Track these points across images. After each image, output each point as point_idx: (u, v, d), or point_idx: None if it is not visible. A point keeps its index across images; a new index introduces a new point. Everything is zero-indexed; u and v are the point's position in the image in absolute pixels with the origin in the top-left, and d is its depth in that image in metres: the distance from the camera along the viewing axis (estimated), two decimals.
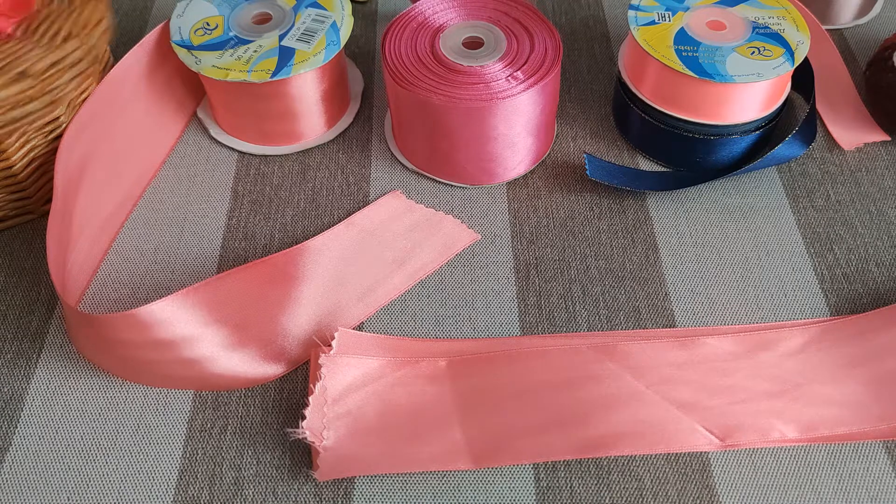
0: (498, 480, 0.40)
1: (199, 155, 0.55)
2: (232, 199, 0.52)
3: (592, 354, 0.43)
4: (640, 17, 0.51)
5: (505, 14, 0.52)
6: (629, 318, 0.46)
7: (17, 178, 0.47)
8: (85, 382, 0.43)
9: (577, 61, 0.61)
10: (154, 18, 0.65)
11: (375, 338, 0.44)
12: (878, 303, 0.46)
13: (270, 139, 0.54)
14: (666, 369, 0.43)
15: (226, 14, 0.53)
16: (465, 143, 0.49)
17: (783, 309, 0.46)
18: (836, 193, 0.52)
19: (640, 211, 0.51)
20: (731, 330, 0.45)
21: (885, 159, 0.54)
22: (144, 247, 0.49)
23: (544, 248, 0.49)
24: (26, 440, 0.41)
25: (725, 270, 0.48)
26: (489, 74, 0.48)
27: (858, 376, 0.42)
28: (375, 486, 0.40)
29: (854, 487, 0.39)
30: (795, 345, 0.44)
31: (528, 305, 0.46)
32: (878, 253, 0.49)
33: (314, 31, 0.52)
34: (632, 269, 0.48)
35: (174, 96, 0.56)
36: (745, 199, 0.52)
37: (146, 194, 0.52)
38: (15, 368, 0.44)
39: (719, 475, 0.40)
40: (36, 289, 0.47)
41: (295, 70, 0.49)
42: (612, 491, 0.39)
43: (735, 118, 0.50)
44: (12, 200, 0.48)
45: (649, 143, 0.54)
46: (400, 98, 0.50)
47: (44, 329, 0.46)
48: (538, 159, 0.54)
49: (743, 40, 0.49)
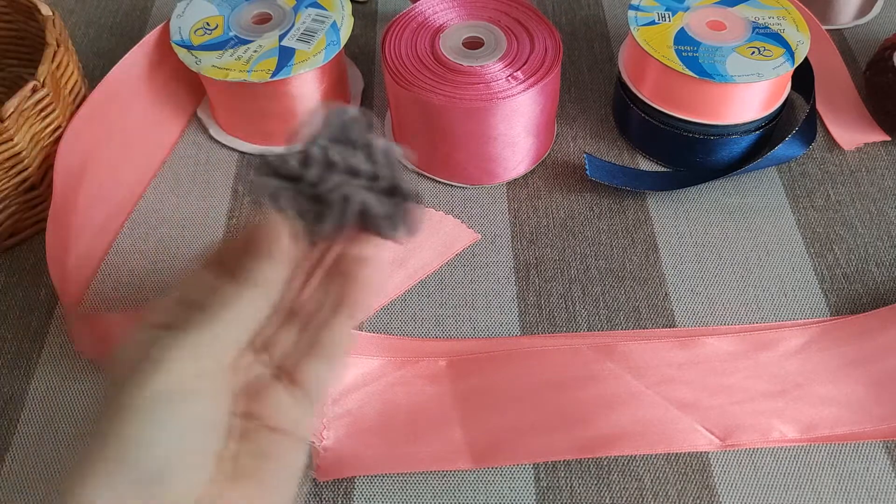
0: (498, 480, 0.40)
1: (199, 155, 0.55)
2: (232, 199, 0.52)
3: (592, 354, 0.43)
4: (640, 17, 0.51)
5: (505, 14, 0.52)
6: (629, 318, 0.46)
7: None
8: (85, 382, 0.43)
9: (577, 61, 0.61)
10: (154, 18, 0.65)
11: (375, 338, 0.44)
12: (877, 303, 0.46)
13: (270, 139, 0.54)
14: (666, 369, 0.43)
15: (226, 14, 0.53)
16: (465, 143, 0.49)
17: (783, 309, 0.46)
18: (837, 193, 0.52)
19: (640, 211, 0.51)
20: (731, 330, 0.45)
21: (885, 159, 0.54)
22: (144, 247, 0.49)
23: (544, 248, 0.49)
24: (26, 440, 0.41)
25: (725, 270, 0.48)
26: (489, 74, 0.48)
27: (858, 376, 0.42)
28: (375, 486, 0.40)
29: (854, 487, 0.39)
30: (795, 345, 0.44)
31: (528, 305, 0.46)
32: (878, 253, 0.49)
33: (314, 31, 0.52)
34: (632, 269, 0.48)
35: (174, 96, 0.56)
36: (745, 200, 0.52)
37: (146, 194, 0.52)
38: (15, 368, 0.44)
39: (719, 475, 0.40)
40: (36, 289, 0.47)
41: (295, 70, 0.49)
42: (612, 491, 0.39)
43: (735, 118, 0.50)
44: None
45: (649, 143, 0.53)
46: (400, 98, 0.50)
47: (44, 329, 0.46)
48: (538, 159, 0.54)
49: (743, 40, 0.49)
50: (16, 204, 0.48)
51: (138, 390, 0.24)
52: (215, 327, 0.26)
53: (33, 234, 0.50)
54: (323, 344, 0.30)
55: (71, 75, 0.50)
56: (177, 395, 0.24)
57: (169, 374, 0.24)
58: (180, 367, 0.25)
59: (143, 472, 0.23)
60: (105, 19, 0.65)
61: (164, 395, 0.24)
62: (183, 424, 0.24)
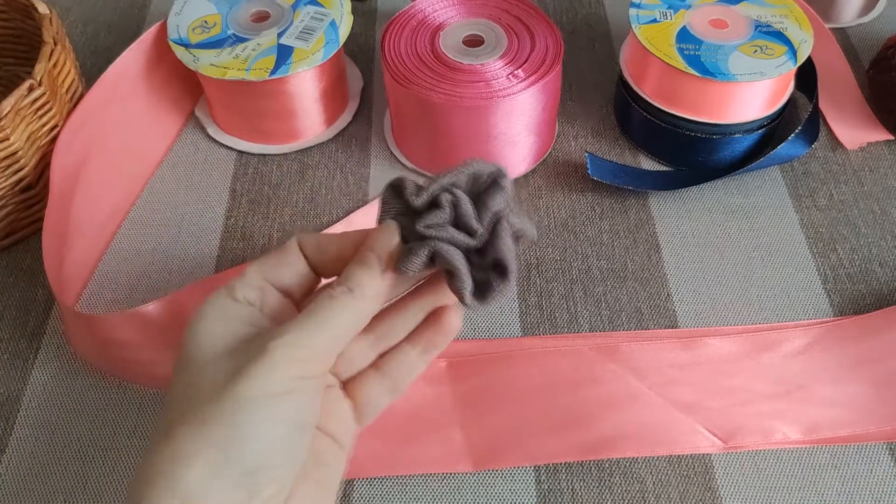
0: (499, 483, 0.39)
1: (196, 154, 0.54)
2: (230, 199, 0.52)
3: (594, 355, 0.43)
4: (641, 16, 0.51)
5: (505, 12, 0.51)
6: (631, 319, 0.45)
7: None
8: (82, 383, 0.43)
9: (578, 59, 0.61)
10: (152, 16, 0.64)
11: None
12: (881, 303, 0.46)
13: (269, 138, 0.54)
14: (668, 370, 0.43)
15: (224, 12, 0.52)
16: (466, 142, 0.49)
17: (786, 309, 0.46)
18: (840, 193, 0.52)
19: (642, 210, 0.51)
20: (733, 331, 0.45)
21: (888, 159, 0.53)
22: (142, 247, 0.49)
23: (545, 248, 0.49)
24: (23, 441, 0.41)
25: (728, 271, 0.48)
26: (490, 73, 0.48)
27: (862, 377, 0.42)
28: (374, 488, 0.39)
29: (857, 489, 0.39)
30: (798, 345, 0.44)
31: (529, 306, 0.46)
32: (881, 253, 0.48)
33: (313, 29, 0.51)
34: (634, 270, 0.48)
35: (172, 95, 0.55)
36: (748, 199, 0.51)
37: (143, 194, 0.52)
38: (12, 369, 0.44)
39: (722, 477, 0.39)
40: (33, 289, 0.47)
41: (293, 68, 0.49)
42: (613, 493, 0.39)
43: (737, 117, 0.49)
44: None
45: (651, 142, 0.53)
46: (399, 96, 0.49)
47: (41, 329, 0.45)
48: (539, 158, 0.53)
49: (745, 39, 0.49)
50: (12, 204, 0.47)
51: (246, 387, 0.25)
52: (325, 335, 0.27)
53: (30, 234, 0.49)
54: (392, 374, 0.31)
55: (68, 74, 0.49)
56: (280, 394, 0.25)
57: (276, 373, 0.25)
58: (286, 369, 0.26)
59: (247, 465, 0.25)
60: (102, 17, 0.64)
61: (270, 393, 0.25)
62: (283, 423, 0.25)
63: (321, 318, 0.27)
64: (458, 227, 0.29)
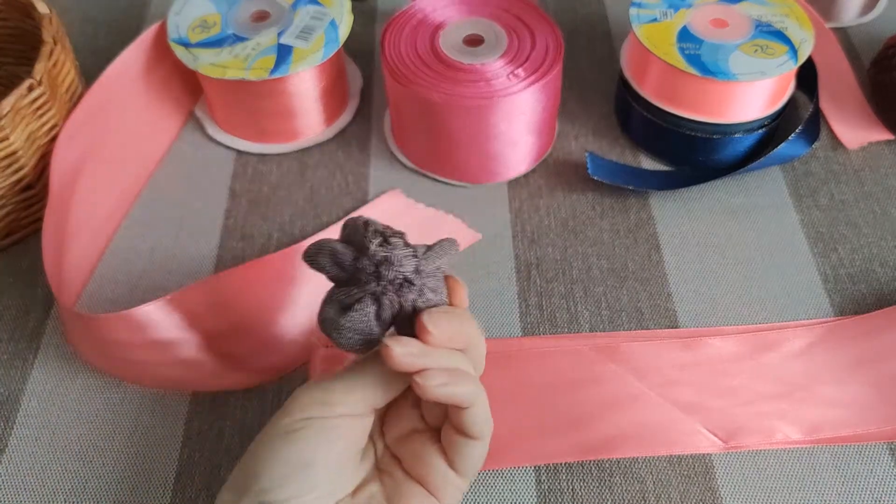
0: (499, 483, 0.39)
1: (196, 154, 0.54)
2: (229, 199, 0.52)
3: (594, 355, 0.43)
4: (642, 15, 0.50)
5: (506, 11, 0.51)
6: (631, 319, 0.45)
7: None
8: (81, 383, 0.43)
9: (578, 59, 0.61)
10: (151, 16, 0.64)
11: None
12: (882, 303, 0.46)
13: (268, 137, 0.54)
14: (669, 370, 0.42)
15: (223, 11, 0.52)
16: (466, 142, 0.49)
17: (787, 309, 0.46)
18: (841, 193, 0.52)
19: (643, 210, 0.51)
20: (734, 331, 0.45)
21: (889, 158, 0.53)
22: (141, 247, 0.49)
23: (546, 248, 0.49)
24: (22, 441, 0.41)
25: (729, 270, 0.48)
26: (490, 72, 0.48)
27: (863, 377, 0.42)
28: None
29: (858, 489, 0.39)
30: (799, 346, 0.44)
31: (529, 306, 0.46)
32: (882, 253, 0.48)
33: (313, 29, 0.51)
34: (634, 269, 0.48)
35: (171, 94, 0.55)
36: (749, 199, 0.51)
37: (143, 193, 0.52)
38: (11, 369, 0.43)
39: (722, 477, 0.39)
40: (32, 289, 0.47)
41: (293, 68, 0.49)
42: (614, 493, 0.39)
43: (738, 117, 0.49)
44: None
45: (652, 141, 0.53)
46: (399, 96, 0.49)
47: (40, 330, 0.45)
48: (539, 158, 0.53)
49: (746, 38, 0.49)
50: (11, 204, 0.47)
51: (302, 416, 0.31)
52: (361, 392, 0.32)
53: (29, 234, 0.49)
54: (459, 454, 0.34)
55: (67, 73, 0.49)
56: (330, 427, 0.31)
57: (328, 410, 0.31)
58: (339, 407, 0.31)
59: (304, 484, 0.30)
60: (102, 17, 0.64)
61: (324, 425, 0.31)
62: (332, 450, 0.31)
63: (360, 380, 0.32)
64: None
